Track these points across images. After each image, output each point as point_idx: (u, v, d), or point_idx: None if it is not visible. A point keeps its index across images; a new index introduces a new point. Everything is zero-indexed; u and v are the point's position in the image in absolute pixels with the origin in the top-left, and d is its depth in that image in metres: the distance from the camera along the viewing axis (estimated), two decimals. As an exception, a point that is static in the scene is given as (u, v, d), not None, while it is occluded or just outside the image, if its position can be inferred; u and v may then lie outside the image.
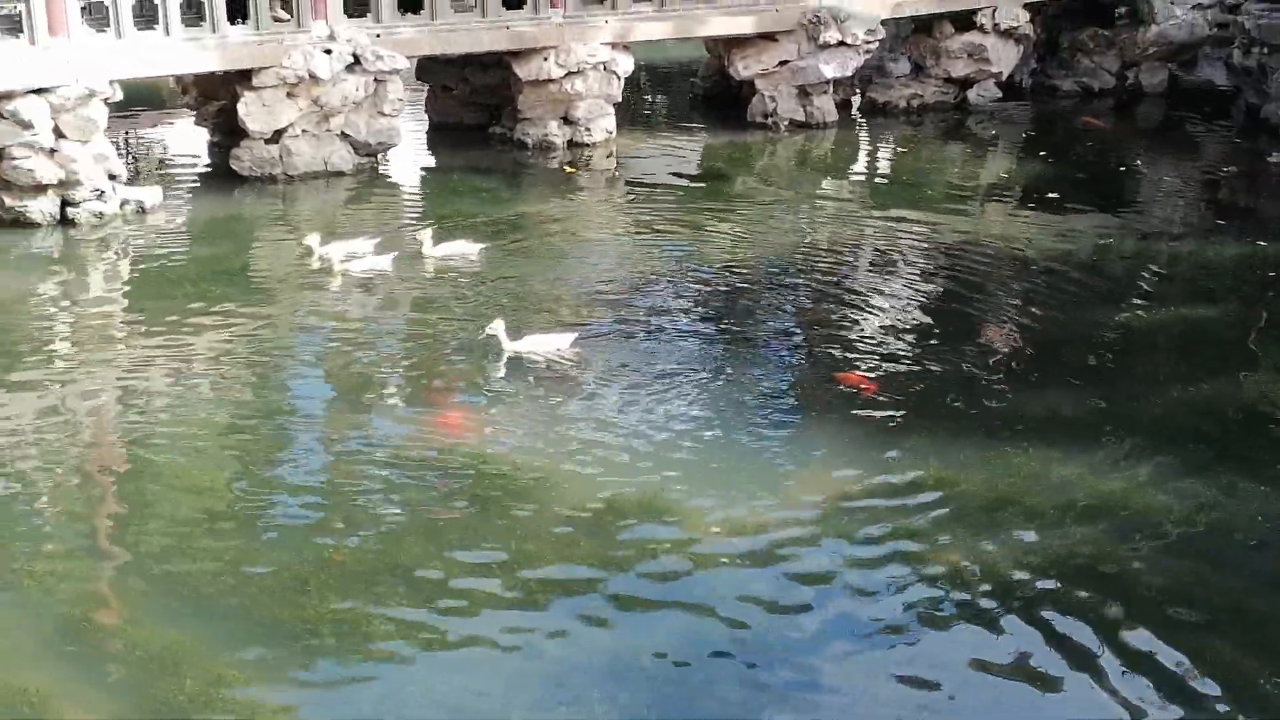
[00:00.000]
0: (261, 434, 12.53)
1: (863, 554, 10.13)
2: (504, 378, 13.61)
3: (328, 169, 22.78)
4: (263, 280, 17.44)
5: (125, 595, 9.74)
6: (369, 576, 9.75)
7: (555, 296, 16.48)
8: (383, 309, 16.14)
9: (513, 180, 23.35)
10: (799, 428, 12.56)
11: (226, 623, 9.17)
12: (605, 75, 25.13)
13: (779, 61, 27.05)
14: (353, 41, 22.34)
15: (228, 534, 10.45)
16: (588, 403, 13.03)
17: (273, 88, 21.92)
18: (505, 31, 24.42)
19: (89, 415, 13.17)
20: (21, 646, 8.91)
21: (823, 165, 25.41)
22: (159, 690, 8.36)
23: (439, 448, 11.94)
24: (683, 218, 20.44)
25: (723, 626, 9.18)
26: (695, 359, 14.32)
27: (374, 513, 10.82)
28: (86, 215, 19.80)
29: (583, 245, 19.24)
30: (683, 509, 10.68)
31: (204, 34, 21.52)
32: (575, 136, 25.38)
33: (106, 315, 16.30)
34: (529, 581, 9.69)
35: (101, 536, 10.65)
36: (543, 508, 10.79)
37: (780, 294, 16.83)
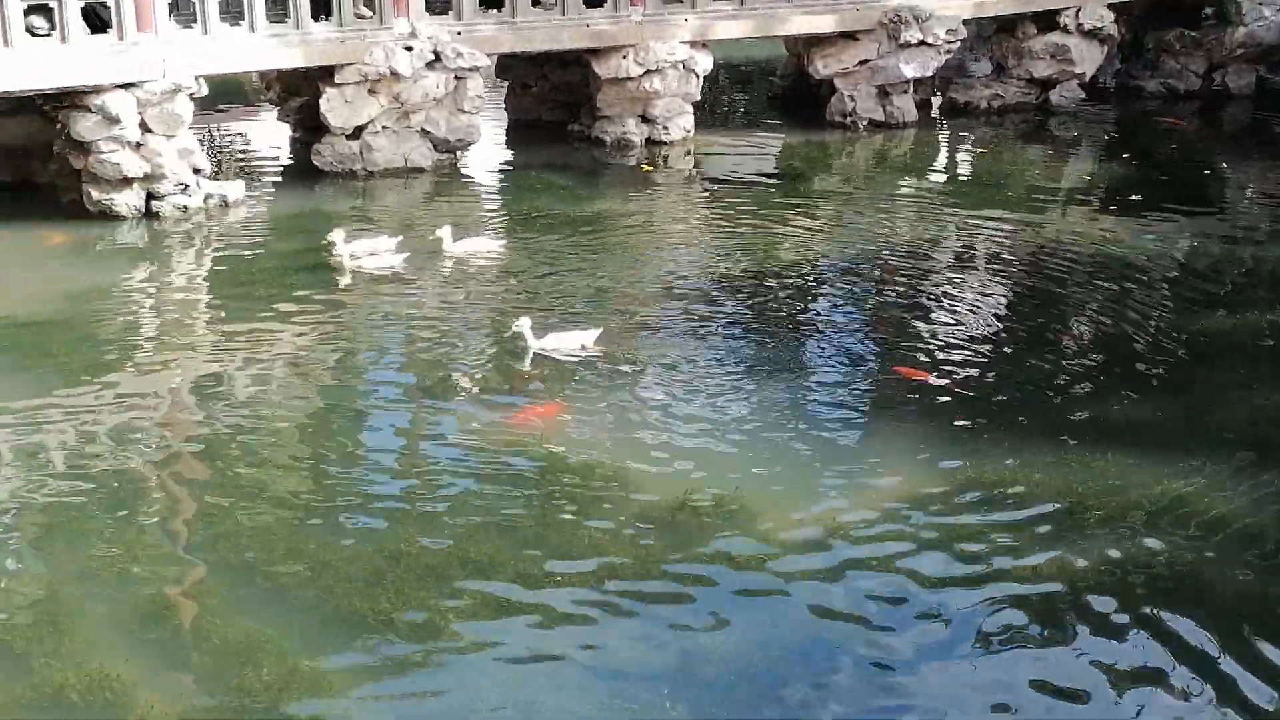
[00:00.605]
0: (339, 427, 12.66)
1: (938, 558, 10.04)
2: (578, 375, 13.61)
3: (407, 165, 22.96)
4: (339, 274, 17.58)
5: (204, 585, 9.85)
6: (442, 572, 9.81)
7: (630, 294, 16.50)
8: (461, 304, 16.22)
9: (590, 178, 23.41)
10: (875, 428, 12.49)
11: (303, 614, 9.26)
12: (684, 74, 25.11)
13: (859, 61, 26.89)
14: (434, 39, 22.48)
15: (305, 526, 10.56)
16: (661, 400, 13.03)
17: (354, 84, 22.13)
18: (585, 29, 24.47)
19: (170, 406, 13.37)
20: (103, 634, 9.03)
21: (901, 165, 25.23)
22: (237, 679, 8.45)
23: (514, 444, 11.97)
24: (759, 216, 20.39)
25: (796, 631, 9.14)
26: (770, 357, 14.29)
27: (449, 508, 10.88)
28: (171, 209, 20.09)
29: (659, 243, 19.25)
30: (756, 510, 10.64)
31: (288, 31, 21.75)
32: (653, 135, 25.40)
33: (188, 307, 16.55)
34: (600, 580, 9.70)
35: (181, 527, 10.79)
36: (615, 506, 10.81)
37: (858, 294, 16.76)
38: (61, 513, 10.76)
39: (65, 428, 12.51)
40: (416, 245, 18.10)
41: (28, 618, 9.21)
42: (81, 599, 9.47)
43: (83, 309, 16.02)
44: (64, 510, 10.81)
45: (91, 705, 8.20)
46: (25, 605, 9.41)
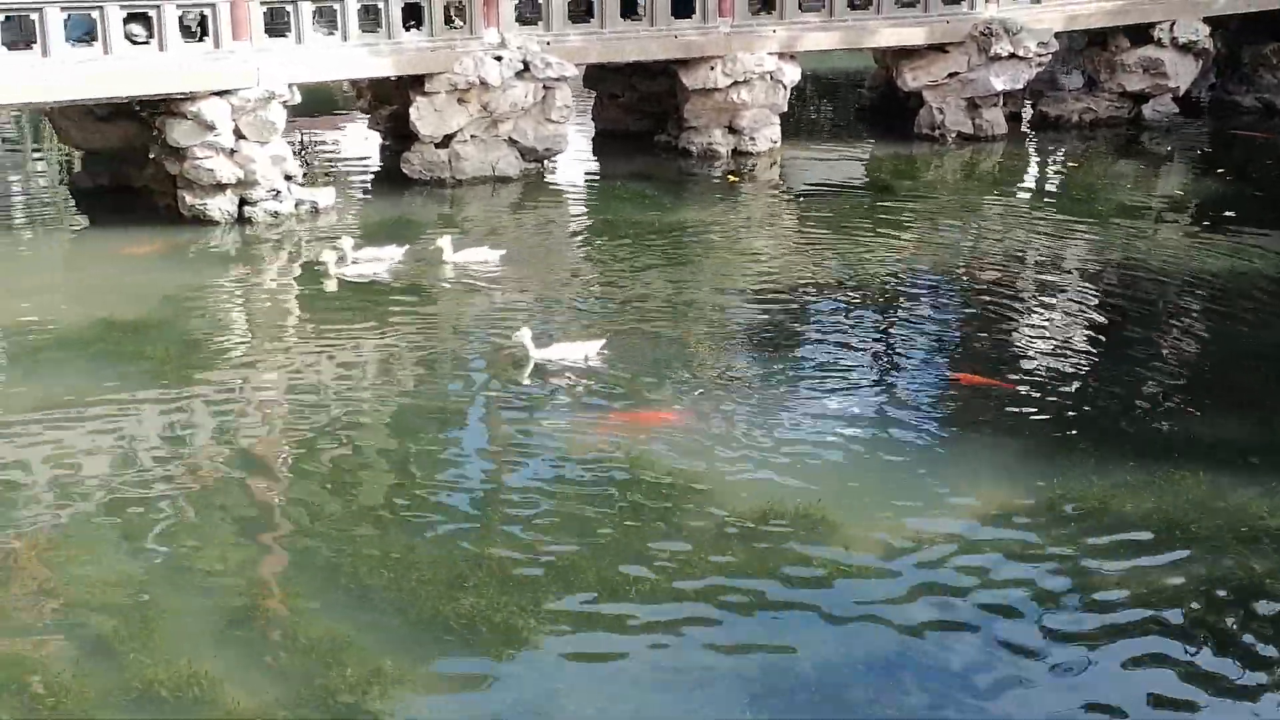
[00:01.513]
0: (426, 430, 12.78)
1: (1022, 575, 9.93)
2: (663, 384, 13.63)
3: (495, 174, 23.12)
4: (430, 282, 17.73)
5: (290, 585, 9.97)
6: (524, 577, 9.85)
7: (714, 304, 16.51)
8: (546, 311, 16.28)
9: (676, 188, 23.44)
10: (960, 442, 12.37)
11: (387, 615, 9.34)
12: (771, 85, 25.10)
13: (948, 73, 26.74)
14: (523, 49, 22.64)
15: (390, 528, 10.66)
16: (745, 411, 13.01)
17: (444, 93, 22.33)
18: (673, 40, 24.54)
19: (259, 408, 13.56)
20: (191, 632, 9.16)
21: (990, 178, 25.04)
22: (321, 679, 8.54)
23: (597, 451, 12.02)
24: (845, 228, 20.31)
25: (877, 643, 9.08)
26: (855, 369, 14.25)
27: (532, 514, 10.93)
28: (262, 214, 20.40)
29: (744, 253, 19.25)
30: (839, 522, 10.59)
31: (379, 40, 22.00)
32: (740, 145, 25.40)
33: (278, 311, 16.79)
34: (681, 590, 9.70)
35: (268, 528, 10.94)
36: (697, 516, 10.80)
37: (944, 306, 16.66)
38: (153, 511, 10.95)
39: (157, 427, 12.74)
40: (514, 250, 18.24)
41: (119, 614, 9.36)
42: (171, 597, 9.62)
43: (176, 312, 16.29)
44: (155, 508, 10.99)
45: (180, 702, 8.32)
46: (117, 602, 9.56)
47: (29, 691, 8.43)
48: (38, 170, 27.36)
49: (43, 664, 8.76)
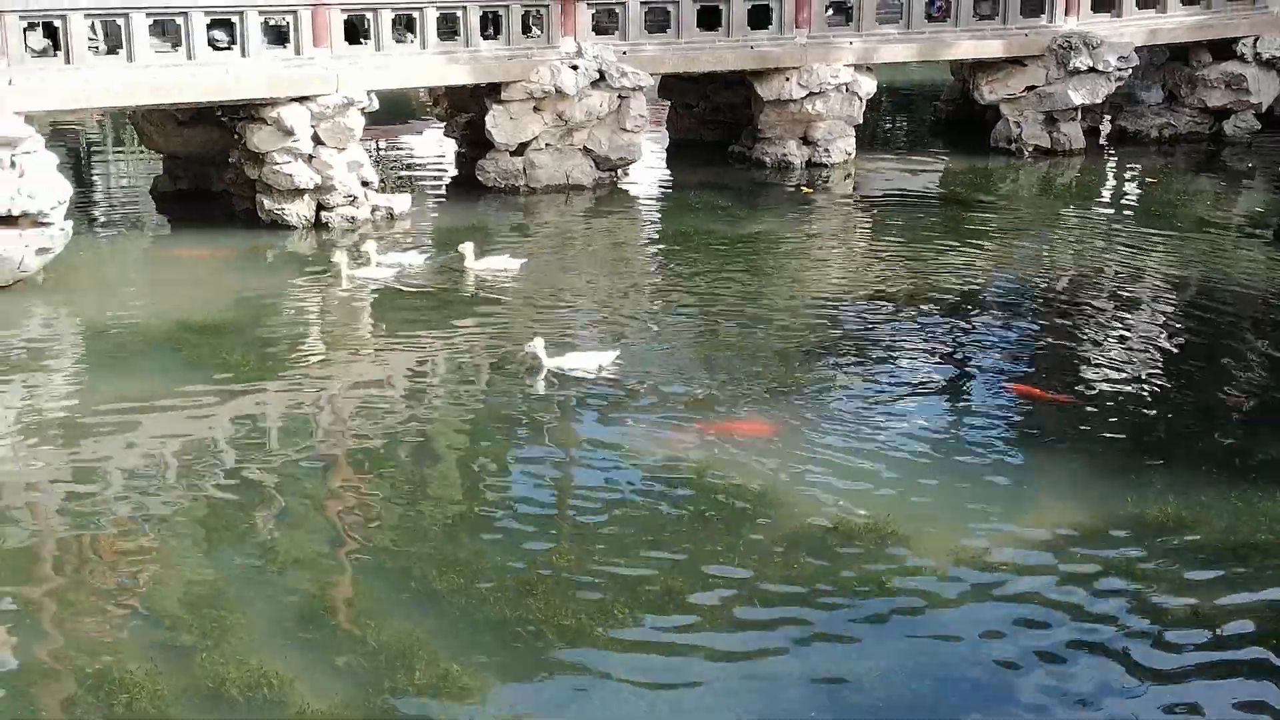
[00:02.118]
0: (497, 437, 12.85)
1: (1093, 593, 9.80)
2: (729, 395, 13.62)
3: (569, 182, 23.23)
4: (504, 289, 17.83)
5: (361, 588, 10.05)
6: (592, 584, 9.86)
7: (786, 315, 16.49)
8: (616, 318, 16.32)
9: (749, 199, 23.43)
10: (1032, 456, 12.26)
11: (456, 621, 9.39)
12: (847, 96, 25.04)
13: (1026, 86, 26.56)
14: (599, 58, 22.72)
15: (461, 534, 10.72)
16: (815, 422, 12.97)
17: (520, 101, 22.47)
18: (749, 51, 24.54)
19: (332, 411, 13.70)
20: (263, 632, 9.25)
21: (1067, 193, 24.83)
22: (390, 681, 8.60)
23: (668, 460, 12.03)
24: (919, 241, 20.21)
25: (947, 659, 9.01)
26: (927, 382, 14.17)
27: (601, 521, 10.95)
28: (339, 220, 20.61)
29: (817, 265, 19.22)
30: (909, 535, 10.52)
31: (457, 48, 22.17)
32: (814, 157, 25.35)
33: (353, 316, 16.94)
34: (749, 600, 9.68)
35: (340, 530, 11.02)
36: (767, 526, 10.78)
37: (1018, 320, 16.52)
38: (226, 511, 11.09)
39: (231, 428, 12.89)
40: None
41: (192, 613, 9.47)
42: (242, 596, 9.72)
43: (252, 314, 16.51)
44: (228, 509, 11.13)
45: (251, 701, 8.40)
46: (190, 601, 9.68)
47: (104, 688, 8.54)
48: (119, 173, 27.81)
49: (117, 661, 8.87)
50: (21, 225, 17.03)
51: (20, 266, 17.16)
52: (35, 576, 10.15)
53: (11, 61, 17.82)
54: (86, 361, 15.28)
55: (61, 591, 9.93)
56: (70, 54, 18.47)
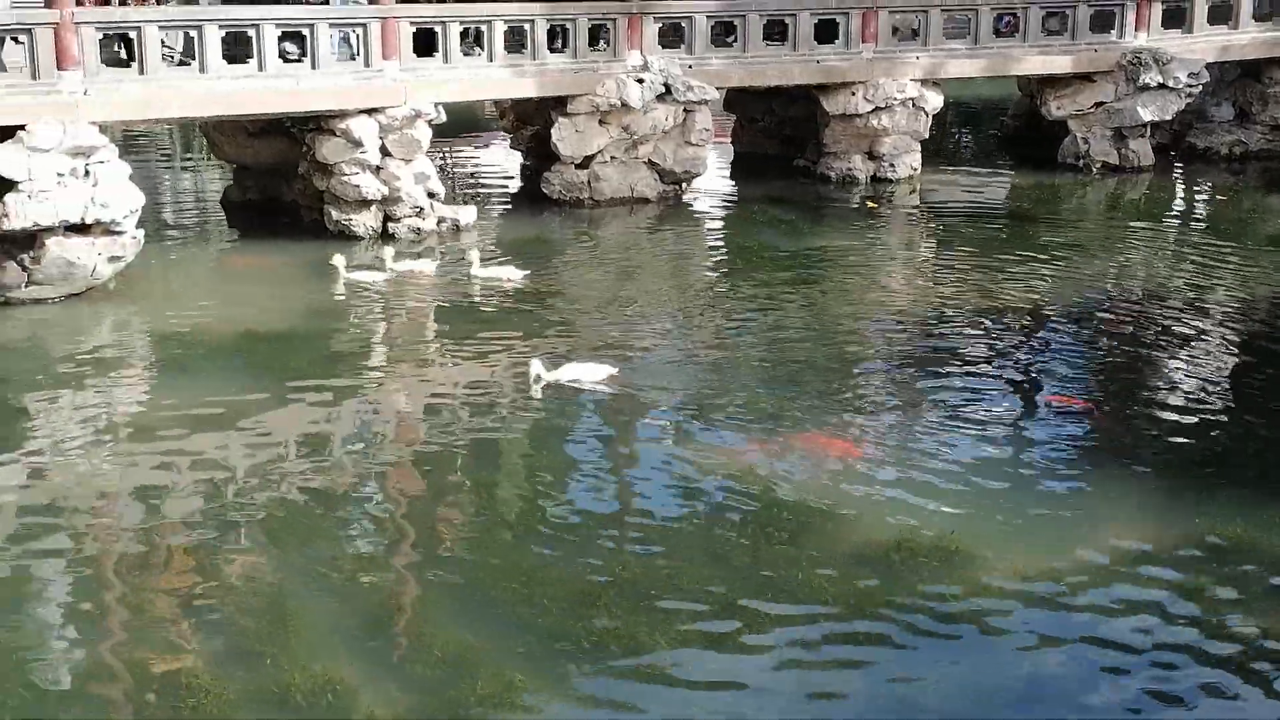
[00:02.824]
0: (560, 446, 12.89)
1: (1160, 615, 9.69)
2: (789, 407, 13.58)
3: (633, 195, 23.28)
4: (567, 302, 17.91)
5: (424, 597, 10.11)
6: (654, 597, 9.86)
7: (850, 330, 16.44)
8: (676, 333, 16.32)
9: (814, 213, 23.39)
10: (1099, 475, 12.13)
11: (519, 630, 9.41)
12: (913, 112, 24.96)
13: (1094, 102, 26.38)
14: (665, 71, 22.77)
15: (524, 543, 10.76)
16: (878, 438, 12.93)
17: (585, 114, 22.55)
18: (815, 65, 24.52)
19: (396, 420, 13.81)
20: (328, 639, 9.32)
21: (1135, 210, 24.61)
22: (453, 690, 8.64)
23: (731, 473, 12.01)
24: (985, 256, 20.08)
25: (1011, 678, 8.93)
26: (991, 398, 14.07)
27: (664, 533, 10.96)
28: (405, 230, 20.77)
29: (881, 280, 19.14)
30: (973, 553, 10.44)
31: (524, 61, 22.29)
32: (879, 172, 25.28)
33: (417, 326, 17.07)
34: (812, 615, 9.64)
35: (403, 540, 11.09)
36: (830, 542, 10.73)
37: (1084, 338, 16.38)
38: (291, 518, 11.18)
39: (297, 436, 13.00)
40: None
41: (258, 619, 9.56)
42: (308, 603, 9.79)
43: (318, 323, 16.67)
44: (293, 516, 11.22)
45: (315, 707, 8.47)
46: (256, 607, 9.76)
47: (172, 691, 8.64)
48: (189, 183, 28.15)
49: (185, 664, 8.98)
50: (95, 233, 17.29)
51: (93, 274, 17.41)
52: (104, 581, 10.28)
53: (87, 72, 18.09)
54: (155, 368, 15.48)
55: (130, 595, 10.05)
56: (144, 65, 18.73)
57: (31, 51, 17.71)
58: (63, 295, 17.28)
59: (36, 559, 10.55)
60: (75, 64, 17.93)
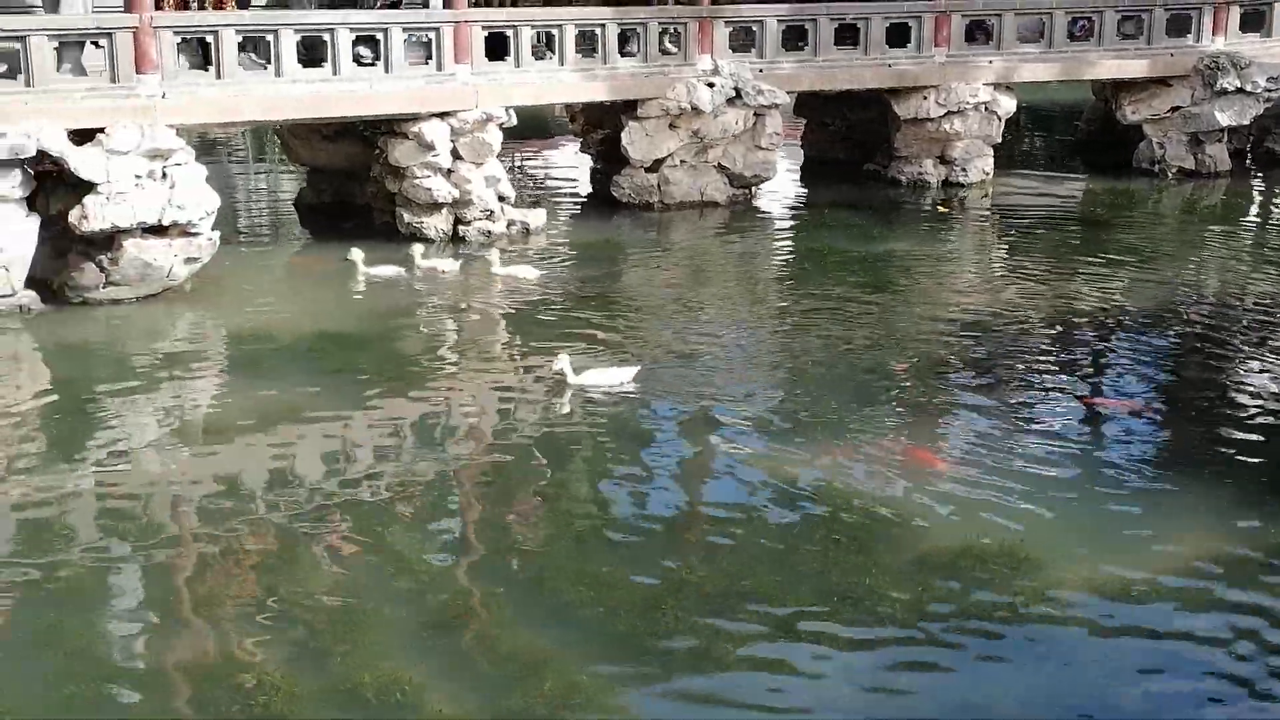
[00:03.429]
0: (628, 450, 12.91)
1: (1232, 627, 9.54)
2: (864, 415, 13.54)
3: (703, 199, 23.29)
4: (636, 304, 17.97)
5: (491, 596, 10.15)
6: (722, 601, 9.85)
7: (919, 334, 16.36)
8: (737, 335, 16.29)
9: (884, 217, 23.28)
10: (1170, 482, 11.99)
11: (585, 633, 9.45)
12: (985, 116, 24.80)
13: (1170, 107, 26.07)
14: (735, 75, 22.77)
15: (592, 546, 10.80)
16: (945, 445, 12.87)
17: (656, 118, 22.59)
18: (887, 69, 24.43)
19: (465, 422, 13.89)
20: (397, 639, 9.39)
21: (1211, 216, 24.29)
22: (520, 691, 8.67)
23: (798, 478, 11.98)
24: (1057, 262, 19.93)
25: (1079, 688, 8.84)
26: (1062, 404, 13.96)
27: (731, 537, 10.94)
28: (476, 234, 20.90)
29: (951, 284, 19.03)
30: (1044, 559, 10.36)
31: (595, 65, 22.37)
32: (951, 176, 25.15)
33: (487, 329, 17.15)
34: (880, 620, 9.60)
35: (472, 541, 11.19)
36: (897, 547, 10.69)
37: (1157, 345, 16.19)
38: (361, 518, 11.27)
39: (367, 436, 13.14)
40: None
41: (328, 617, 9.65)
42: (377, 602, 9.86)
43: (389, 325, 16.82)
44: (363, 515, 11.32)
45: (384, 705, 8.54)
46: (326, 605, 9.86)
47: (243, 688, 8.74)
48: (263, 185, 28.49)
49: (256, 662, 9.08)
50: (171, 235, 17.54)
51: (169, 275, 17.66)
52: (177, 577, 10.43)
53: (165, 76, 18.35)
54: (229, 367, 15.67)
55: (201, 592, 10.18)
56: (221, 69, 18.97)
57: (111, 55, 18.00)
58: (139, 296, 17.55)
59: (111, 555, 10.72)
60: (154, 67, 18.20)
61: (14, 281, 16.78)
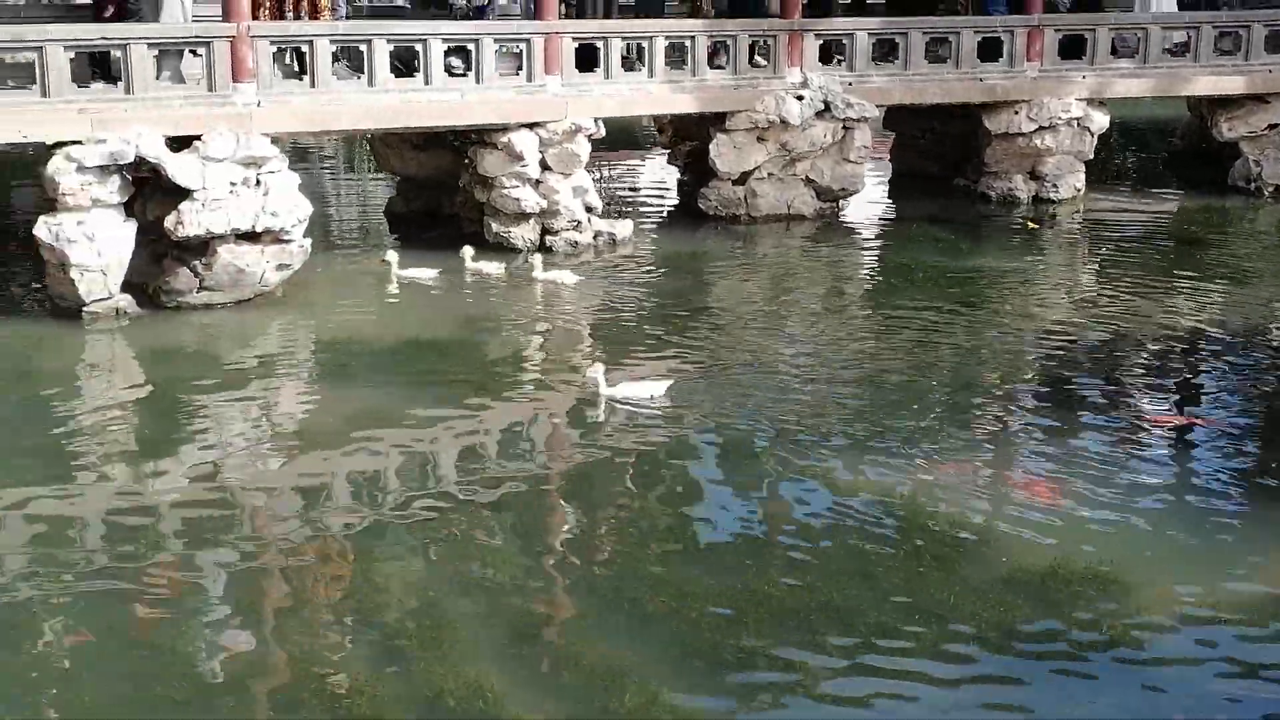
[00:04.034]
0: (713, 461, 12.93)
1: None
2: (953, 435, 13.45)
3: (789, 212, 23.23)
4: (718, 315, 17.97)
5: (573, 605, 10.22)
6: (803, 616, 9.83)
7: (1006, 350, 16.25)
8: (829, 354, 16.22)
9: (972, 233, 23.10)
10: (1264, 507, 11.77)
11: (666, 644, 9.45)
12: (1078, 131, 24.54)
13: (1268, 124, 25.64)
14: (824, 88, 22.71)
15: (673, 558, 10.82)
16: (1031, 460, 12.75)
17: (744, 131, 22.57)
18: (977, 83, 24.25)
19: (550, 430, 13.95)
20: (479, 645, 9.46)
21: (1310, 236, 23.86)
22: (600, 702, 8.70)
23: (880, 493, 11.92)
24: (1147, 280, 19.65)
25: (1166, 715, 8.73)
26: (1151, 425, 13.76)
27: (813, 552, 10.92)
28: (562, 244, 20.99)
29: (1041, 302, 18.81)
30: (1133, 583, 10.23)
31: (684, 77, 22.40)
32: (1041, 192, 24.89)
33: (573, 338, 17.23)
34: (965, 639, 9.53)
35: (554, 546, 11.24)
36: (981, 566, 10.60)
37: (1249, 366, 15.89)
38: (446, 524, 11.36)
39: (453, 443, 13.23)
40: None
41: (414, 622, 9.75)
42: (459, 609, 9.94)
43: (475, 333, 16.95)
44: (448, 522, 11.41)
45: (466, 712, 8.59)
46: (409, 611, 9.95)
47: (327, 691, 8.85)
48: (353, 193, 28.81)
49: (340, 666, 9.19)
50: (264, 241, 17.80)
51: (261, 281, 17.92)
52: (264, 580, 10.59)
53: (261, 85, 18.62)
54: (318, 373, 15.88)
55: (289, 596, 10.35)
56: (315, 78, 19.21)
57: (209, 64, 18.29)
58: (232, 301, 17.82)
59: (199, 557, 10.89)
60: (250, 76, 18.48)
61: (111, 285, 17.10)
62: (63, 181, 16.73)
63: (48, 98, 17.38)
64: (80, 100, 17.61)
